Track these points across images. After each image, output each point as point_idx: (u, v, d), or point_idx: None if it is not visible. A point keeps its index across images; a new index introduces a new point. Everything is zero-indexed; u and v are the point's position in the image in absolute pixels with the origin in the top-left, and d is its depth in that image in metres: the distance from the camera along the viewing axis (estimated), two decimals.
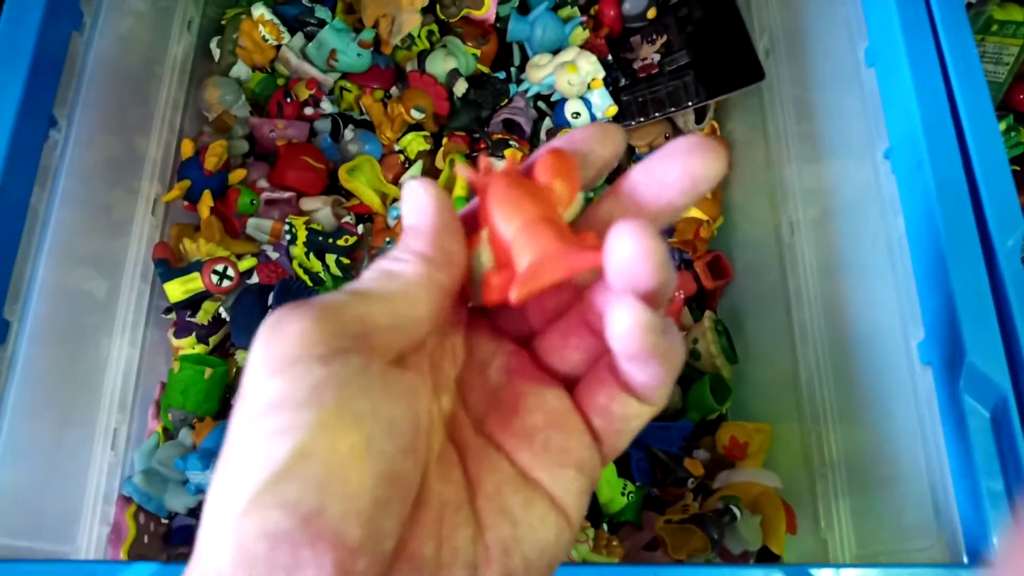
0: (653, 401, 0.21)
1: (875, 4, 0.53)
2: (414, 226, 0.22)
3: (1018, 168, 0.78)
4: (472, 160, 0.74)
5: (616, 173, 0.75)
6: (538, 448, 0.21)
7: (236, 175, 0.68)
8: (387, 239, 0.69)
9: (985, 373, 0.41)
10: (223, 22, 0.76)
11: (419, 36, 0.76)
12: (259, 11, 0.73)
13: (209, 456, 0.55)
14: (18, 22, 0.48)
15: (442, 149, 0.75)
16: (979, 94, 0.49)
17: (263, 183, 0.70)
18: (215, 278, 0.60)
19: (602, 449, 0.22)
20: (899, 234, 0.49)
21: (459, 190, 0.71)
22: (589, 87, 0.75)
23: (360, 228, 0.70)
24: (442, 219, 0.21)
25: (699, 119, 0.79)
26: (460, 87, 0.75)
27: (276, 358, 0.18)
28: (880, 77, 0.53)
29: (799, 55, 0.68)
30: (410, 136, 0.75)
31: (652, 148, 0.79)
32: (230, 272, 0.61)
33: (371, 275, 0.21)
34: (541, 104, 0.78)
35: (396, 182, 0.75)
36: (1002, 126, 0.79)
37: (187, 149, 0.66)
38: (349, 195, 0.72)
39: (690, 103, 0.75)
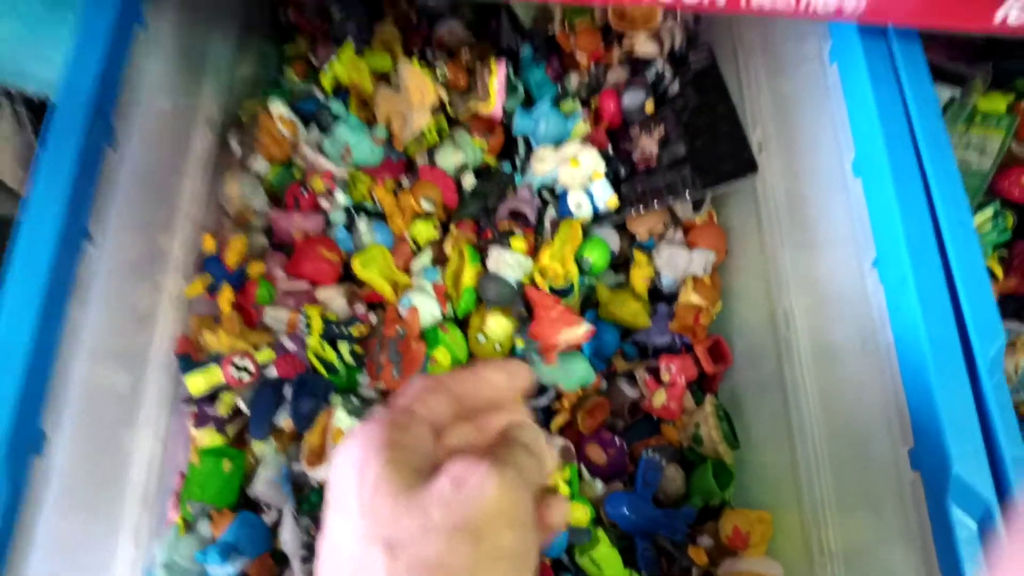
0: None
1: (860, 119, 0.57)
2: None
3: (1006, 253, 0.82)
4: (480, 249, 0.77)
5: (623, 264, 0.78)
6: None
7: (255, 268, 0.71)
8: (398, 328, 0.72)
9: (971, 485, 0.44)
10: (242, 116, 0.80)
11: (429, 130, 0.80)
12: (277, 107, 0.77)
13: (228, 549, 0.57)
14: (59, 144, 0.52)
15: (450, 237, 0.79)
16: (961, 211, 0.52)
17: (280, 273, 0.73)
18: (235, 372, 0.63)
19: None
20: (888, 342, 0.52)
21: (467, 280, 0.74)
22: (591, 179, 0.78)
23: (372, 317, 0.73)
24: None
25: (697, 206, 0.82)
26: (468, 180, 0.78)
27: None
28: (866, 189, 0.56)
29: (791, 152, 0.72)
30: (420, 225, 0.79)
31: (652, 235, 0.82)
32: (249, 366, 0.63)
33: None
34: (546, 193, 0.81)
35: (406, 269, 0.78)
36: (989, 212, 0.82)
37: (209, 245, 0.70)
38: (363, 283, 0.76)
39: (687, 194, 0.78)
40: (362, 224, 0.77)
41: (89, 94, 0.53)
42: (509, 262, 0.74)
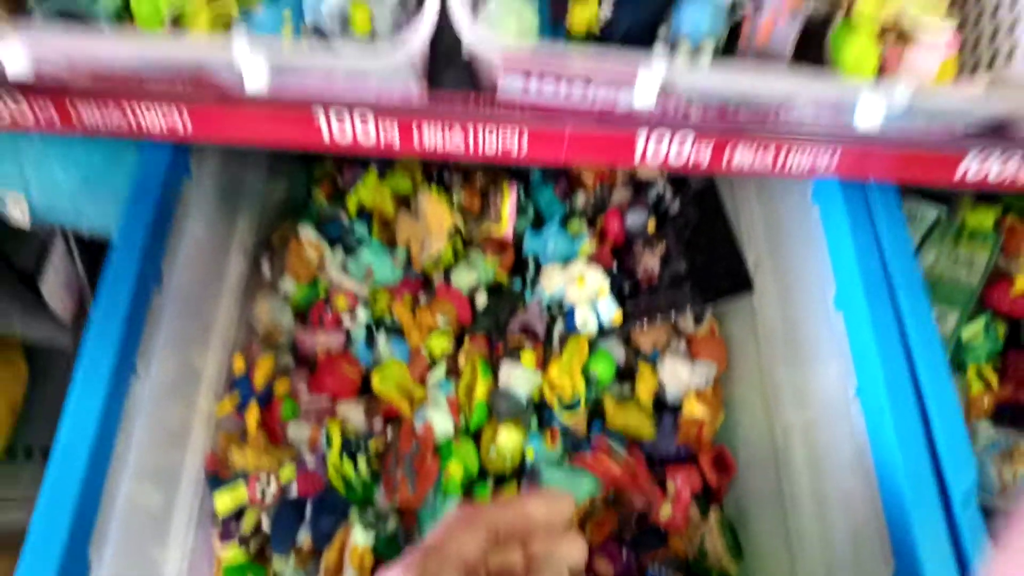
0: None
1: (840, 259, 0.62)
2: None
3: (998, 365, 0.85)
4: (492, 363, 0.82)
5: (628, 374, 0.82)
6: None
7: (280, 385, 0.76)
8: (413, 443, 0.76)
9: None
10: (273, 241, 0.87)
11: (445, 251, 0.86)
12: (305, 232, 0.84)
13: None
14: (114, 290, 0.58)
15: (463, 350, 0.83)
16: (935, 351, 0.56)
17: (303, 388, 0.78)
18: (259, 490, 0.67)
19: None
20: (871, 466, 0.55)
21: (479, 394, 0.79)
22: (596, 296, 0.83)
23: (389, 432, 0.77)
24: None
25: (698, 319, 0.87)
26: (481, 299, 0.84)
27: None
28: (847, 323, 0.60)
29: (782, 275, 0.77)
30: (435, 338, 0.84)
31: (656, 347, 0.87)
32: (272, 485, 0.67)
33: None
34: (554, 308, 0.86)
35: (422, 381, 0.83)
36: (981, 324, 0.85)
37: (239, 365, 0.75)
38: (381, 396, 0.80)
39: (688, 309, 0.83)
40: (381, 339, 0.82)
41: (142, 243, 0.60)
42: (519, 377, 0.79)
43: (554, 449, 0.79)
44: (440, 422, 0.76)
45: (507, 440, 0.78)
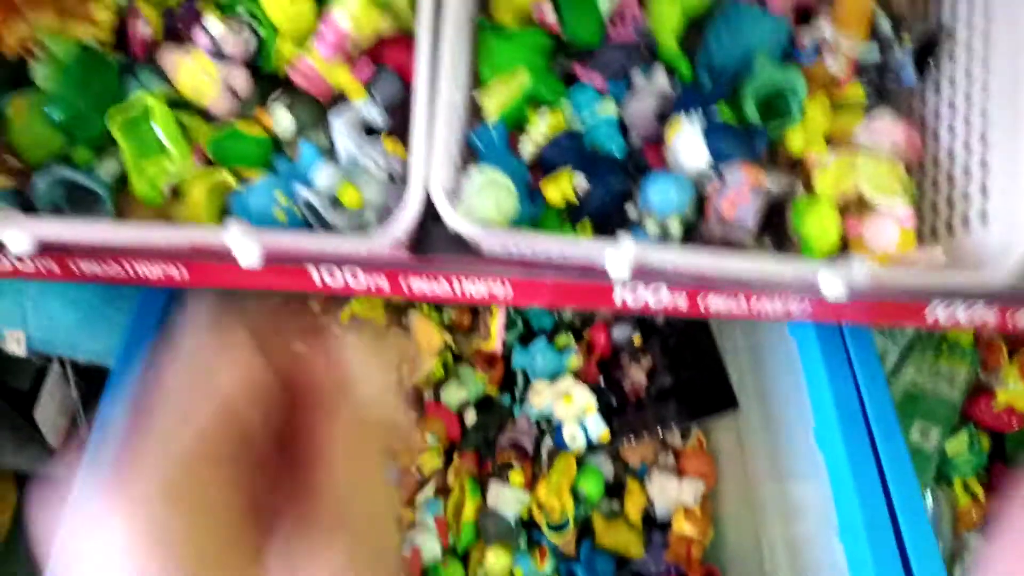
0: None
1: (817, 396, 0.63)
2: None
3: (984, 478, 0.85)
4: (481, 482, 0.82)
5: (617, 488, 0.82)
6: None
7: None
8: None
9: None
10: None
11: (435, 366, 0.87)
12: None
13: None
14: (107, 425, 0.59)
15: (452, 467, 0.84)
16: (912, 496, 0.57)
17: None
18: None
19: None
20: None
21: (468, 515, 0.79)
22: (584, 413, 0.84)
23: None
24: None
25: (684, 434, 0.88)
26: (470, 416, 0.85)
27: None
28: (827, 462, 0.61)
29: (764, 397, 0.78)
30: (425, 456, 0.84)
31: (644, 461, 0.87)
32: None
33: None
34: (542, 424, 0.87)
35: (411, 502, 0.83)
36: (964, 437, 0.86)
37: None
38: None
39: (674, 425, 0.84)
40: None
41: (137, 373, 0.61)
42: (508, 497, 0.79)
43: (543, 569, 0.78)
44: (428, 546, 0.76)
45: (495, 562, 0.78)
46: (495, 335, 0.87)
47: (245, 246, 0.42)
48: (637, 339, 0.91)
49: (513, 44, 0.50)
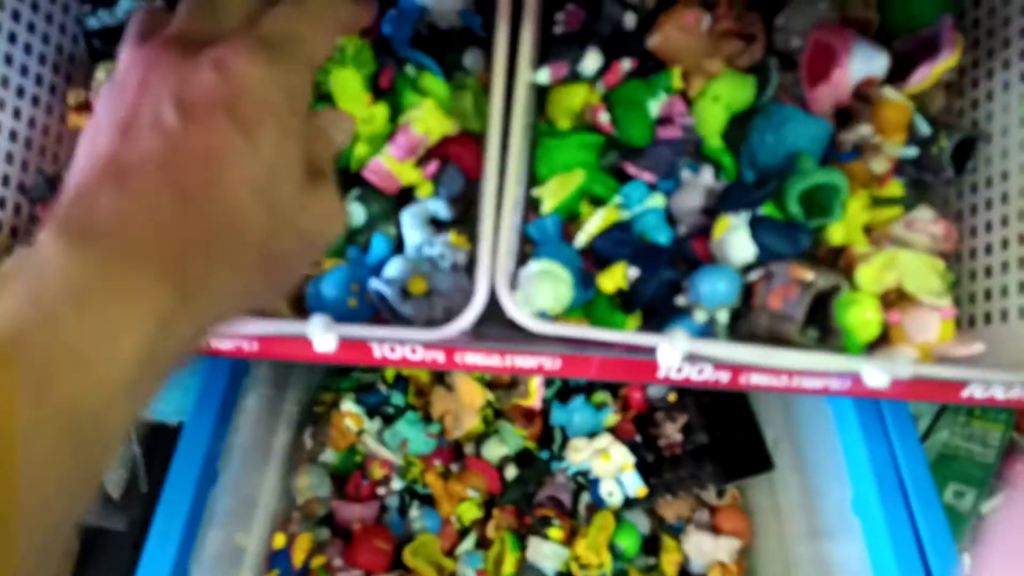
0: None
1: (855, 465, 0.65)
2: None
3: None
4: (520, 536, 0.85)
5: (653, 542, 0.84)
6: None
7: (316, 561, 0.79)
8: None
9: None
10: (317, 411, 0.92)
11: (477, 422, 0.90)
12: (347, 405, 0.89)
13: None
14: (178, 487, 0.63)
15: (493, 522, 0.86)
16: (949, 563, 0.59)
17: (338, 562, 0.81)
18: None
19: None
20: None
21: (508, 569, 0.81)
22: (621, 470, 0.87)
23: None
24: None
25: (720, 493, 0.90)
26: (510, 472, 0.87)
27: None
28: (865, 532, 0.63)
29: (799, 456, 0.80)
30: (465, 505, 0.87)
31: (680, 518, 0.89)
32: None
33: None
34: (580, 479, 0.90)
35: (451, 551, 0.85)
36: (999, 499, 0.87)
37: (279, 541, 0.78)
38: (412, 570, 0.83)
39: (710, 486, 0.86)
40: (414, 511, 0.86)
41: (206, 444, 0.65)
42: (547, 553, 0.81)
43: None
44: None
45: None
46: (534, 392, 0.90)
47: (324, 338, 0.45)
48: (672, 396, 0.93)
49: (568, 144, 0.53)
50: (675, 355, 0.46)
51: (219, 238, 0.25)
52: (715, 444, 0.89)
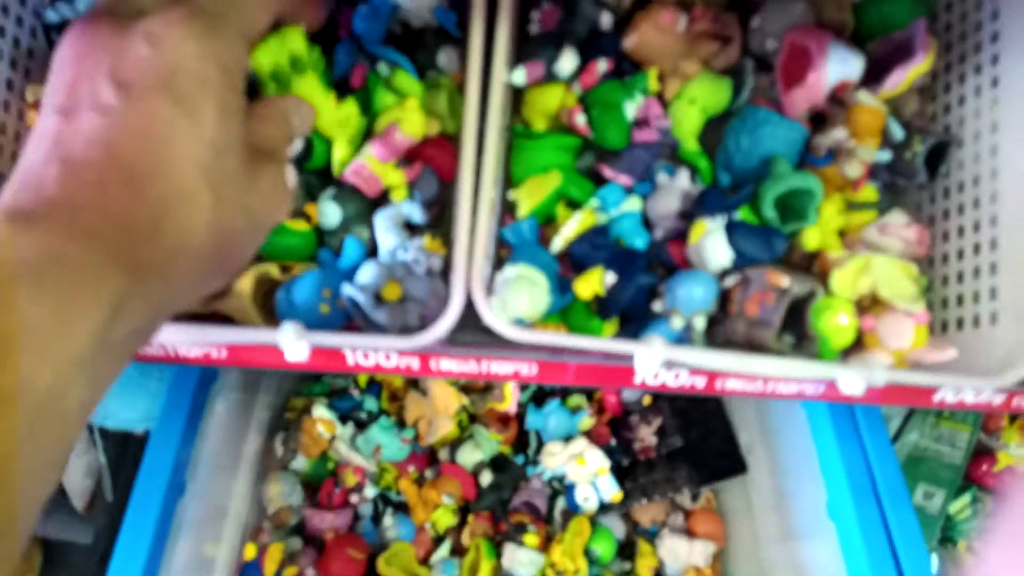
0: None
1: (829, 469, 0.65)
2: None
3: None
4: (496, 542, 0.84)
5: (628, 547, 0.84)
6: None
7: (288, 572, 0.78)
8: None
9: None
10: (288, 416, 0.90)
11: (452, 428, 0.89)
12: (319, 410, 0.87)
13: None
14: (144, 500, 0.61)
15: (468, 528, 0.85)
16: (922, 563, 0.59)
17: (311, 572, 0.80)
18: None
19: None
20: None
21: (484, 575, 0.80)
22: (596, 475, 0.86)
23: None
24: None
25: (695, 497, 0.90)
26: (485, 477, 0.87)
27: None
28: (840, 536, 0.63)
29: (773, 459, 0.80)
30: (439, 512, 0.86)
31: (654, 522, 0.89)
32: None
33: None
34: (555, 483, 0.89)
35: (426, 559, 0.84)
36: (967, 499, 0.88)
37: (250, 552, 0.77)
38: None
39: (685, 489, 0.85)
40: (387, 519, 0.85)
41: (173, 456, 0.63)
42: (523, 560, 0.81)
43: None
44: None
45: None
46: (509, 397, 0.89)
47: (296, 346, 0.44)
48: (647, 400, 0.93)
49: (544, 147, 0.53)
50: (652, 363, 0.45)
51: (167, 219, 0.25)
52: (689, 447, 0.89)
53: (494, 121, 0.47)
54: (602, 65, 0.53)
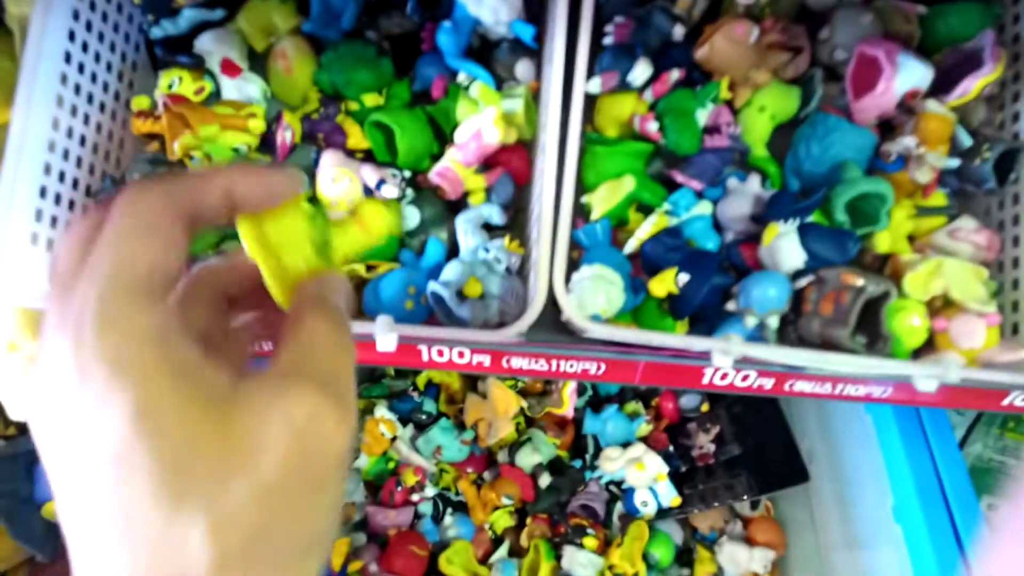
0: None
1: (896, 473, 0.66)
2: None
3: None
4: (554, 544, 0.85)
5: (686, 553, 0.84)
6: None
7: (354, 566, 0.80)
8: None
9: None
10: None
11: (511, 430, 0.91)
12: (380, 411, 0.90)
13: None
14: None
15: (526, 530, 0.87)
16: None
17: (374, 568, 0.82)
18: None
19: None
20: None
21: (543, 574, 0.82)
22: (655, 480, 0.87)
23: None
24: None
25: (754, 505, 0.90)
26: (544, 479, 0.88)
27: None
28: (907, 538, 0.63)
29: (836, 466, 0.80)
30: (498, 513, 0.88)
31: (713, 529, 0.89)
32: None
33: None
34: (613, 488, 0.90)
35: (485, 559, 0.86)
36: None
37: None
38: None
39: (745, 497, 0.86)
40: (448, 519, 0.87)
41: None
42: (582, 561, 0.82)
43: None
44: None
45: None
46: (567, 402, 0.91)
47: (387, 338, 0.47)
48: (705, 406, 0.93)
49: (616, 153, 0.55)
50: (728, 359, 0.47)
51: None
52: (748, 455, 0.89)
53: (575, 128, 0.49)
54: (674, 74, 0.55)
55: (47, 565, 0.76)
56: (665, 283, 0.52)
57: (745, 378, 0.60)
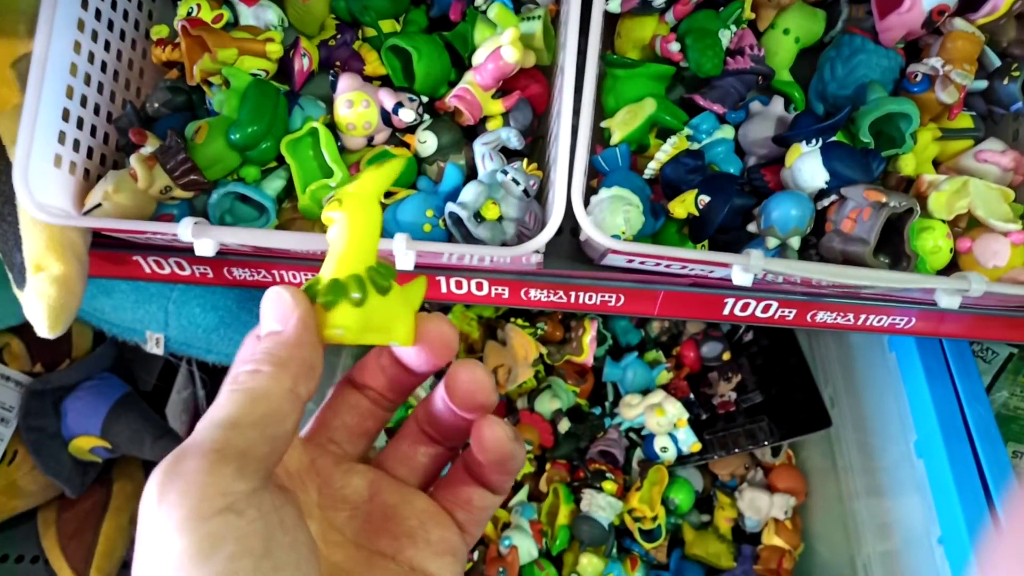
0: (504, 492, 0.27)
1: (919, 410, 0.65)
2: (276, 335, 0.22)
3: None
4: (574, 488, 0.86)
5: (706, 501, 0.84)
6: (421, 544, 0.25)
7: None
8: (500, 568, 0.79)
9: None
10: None
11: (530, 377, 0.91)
12: None
13: None
14: None
15: (546, 475, 0.87)
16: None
17: None
18: None
19: (466, 536, 0.27)
20: None
21: (563, 519, 0.82)
22: (675, 426, 0.87)
23: (475, 555, 0.80)
24: (305, 330, 0.22)
25: (775, 451, 0.90)
26: (563, 425, 0.88)
27: (187, 514, 0.18)
28: (929, 472, 0.63)
29: (859, 411, 0.80)
30: None
31: (734, 476, 0.89)
32: None
33: (232, 399, 0.20)
34: (632, 435, 0.90)
35: (505, 504, 0.87)
36: None
37: None
38: None
39: (766, 443, 0.85)
40: None
41: None
42: (601, 504, 0.82)
43: None
44: (524, 545, 0.80)
45: (588, 566, 0.81)
46: (587, 349, 0.90)
47: (406, 256, 0.47)
48: (727, 355, 0.93)
49: (636, 76, 0.54)
50: (748, 275, 0.46)
51: None
52: (770, 402, 0.88)
53: (593, 50, 0.48)
54: None
55: (75, 501, 0.78)
56: (686, 204, 0.51)
57: (767, 308, 0.59)
